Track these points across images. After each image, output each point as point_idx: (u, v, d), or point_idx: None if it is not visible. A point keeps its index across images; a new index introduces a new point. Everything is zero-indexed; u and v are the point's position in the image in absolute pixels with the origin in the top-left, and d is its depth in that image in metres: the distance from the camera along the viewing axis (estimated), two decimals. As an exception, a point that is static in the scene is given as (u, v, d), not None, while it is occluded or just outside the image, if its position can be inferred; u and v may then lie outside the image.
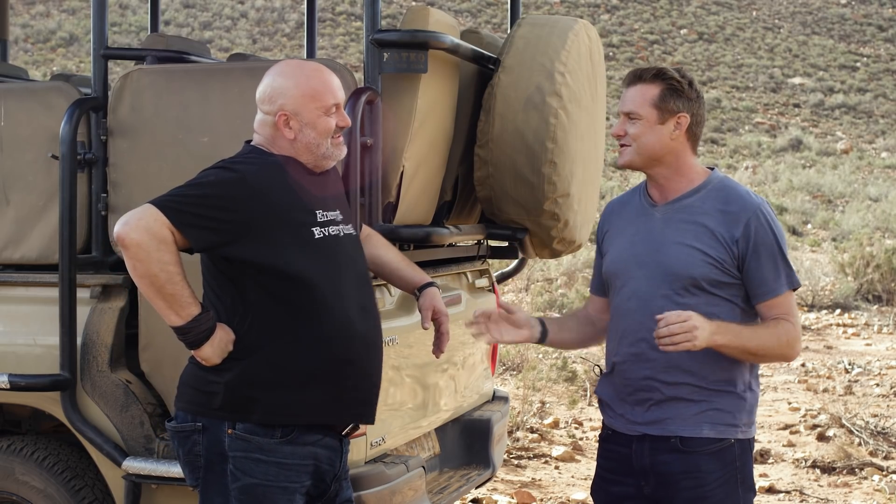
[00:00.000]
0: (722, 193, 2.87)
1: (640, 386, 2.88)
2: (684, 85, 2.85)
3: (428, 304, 3.15)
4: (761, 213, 2.84)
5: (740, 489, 2.86)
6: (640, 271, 2.89)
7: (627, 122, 2.88)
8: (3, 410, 3.76)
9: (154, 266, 2.63)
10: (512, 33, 3.97)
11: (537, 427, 7.31)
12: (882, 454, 6.79)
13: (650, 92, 2.84)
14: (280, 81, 2.82)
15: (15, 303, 3.64)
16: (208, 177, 2.75)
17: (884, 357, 10.52)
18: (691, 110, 2.86)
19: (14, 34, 40.79)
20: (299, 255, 2.76)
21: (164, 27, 40.01)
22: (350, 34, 46.66)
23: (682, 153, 2.89)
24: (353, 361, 2.83)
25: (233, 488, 2.77)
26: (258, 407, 2.75)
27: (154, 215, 2.64)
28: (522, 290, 12.63)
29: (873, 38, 53.21)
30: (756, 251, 2.81)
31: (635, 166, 2.91)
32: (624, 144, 2.90)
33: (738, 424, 2.86)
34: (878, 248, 14.85)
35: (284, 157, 2.83)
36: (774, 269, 2.83)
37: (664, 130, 2.85)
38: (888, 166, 34.24)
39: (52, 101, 3.63)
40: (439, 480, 4.04)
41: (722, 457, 2.84)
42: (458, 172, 4.03)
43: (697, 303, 2.80)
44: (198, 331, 2.70)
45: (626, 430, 2.91)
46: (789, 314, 2.84)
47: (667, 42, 51.27)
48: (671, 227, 2.87)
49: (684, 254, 2.83)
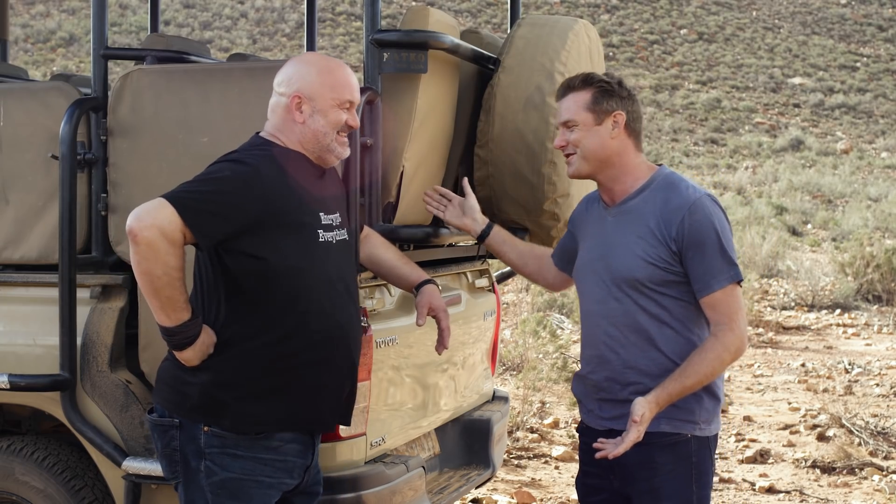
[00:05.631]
0: (663, 191, 2.92)
1: (602, 386, 2.97)
2: (614, 85, 2.94)
3: (424, 301, 3.17)
4: (697, 207, 2.86)
5: (694, 485, 2.92)
6: (594, 276, 2.99)
7: (566, 132, 2.97)
8: (3, 410, 3.75)
9: (159, 268, 2.63)
10: (512, 33, 3.97)
11: (537, 427, 7.31)
12: (882, 454, 6.79)
13: (582, 98, 2.94)
14: (303, 67, 2.86)
15: (15, 303, 3.64)
16: (223, 171, 2.74)
17: (884, 357, 10.52)
18: (625, 108, 2.94)
19: (14, 34, 40.79)
20: (302, 256, 2.78)
21: (164, 27, 40.01)
22: (350, 34, 46.68)
23: (625, 152, 2.96)
24: (334, 372, 2.87)
25: (209, 483, 2.79)
26: (229, 413, 2.77)
27: (169, 215, 2.62)
28: (522, 290, 12.62)
29: (873, 38, 53.22)
30: (691, 246, 2.84)
31: (584, 173, 2.98)
32: (569, 154, 2.98)
33: (695, 421, 2.92)
34: (878, 248, 14.83)
35: (291, 150, 2.84)
36: (711, 263, 2.83)
37: (603, 131, 2.93)
38: (888, 166, 34.26)
39: (52, 101, 3.63)
40: (439, 480, 4.03)
41: (676, 450, 2.90)
42: (458, 172, 4.03)
43: (648, 304, 2.88)
44: (184, 335, 2.72)
45: (595, 424, 3.02)
46: (728, 314, 2.83)
47: (667, 42, 51.27)
48: (618, 230, 2.95)
49: (628, 256, 2.89)
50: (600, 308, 2.96)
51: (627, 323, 2.91)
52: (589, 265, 3.01)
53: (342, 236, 2.92)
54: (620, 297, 2.90)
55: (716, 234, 2.84)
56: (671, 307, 2.88)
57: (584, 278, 3.04)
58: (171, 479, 2.90)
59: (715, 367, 2.83)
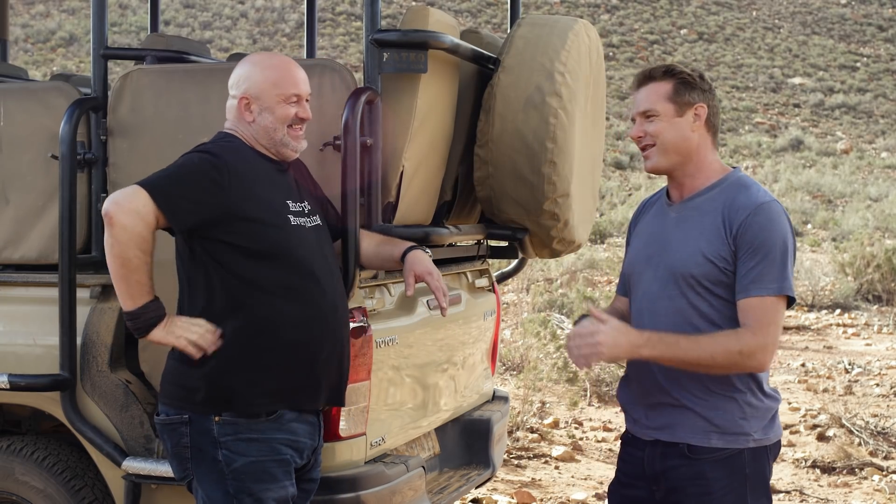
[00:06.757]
0: (732, 191, 2.79)
1: (649, 390, 2.85)
2: (696, 77, 2.82)
3: (408, 269, 3.18)
4: (764, 210, 2.73)
5: (750, 497, 2.79)
6: (649, 272, 2.86)
7: (645, 122, 2.82)
8: (3, 410, 3.75)
9: (131, 251, 2.74)
10: (512, 33, 3.97)
11: (537, 427, 7.31)
12: (882, 454, 6.79)
13: (663, 88, 2.80)
14: (248, 69, 2.99)
15: (15, 303, 3.64)
16: (192, 160, 2.86)
17: (884, 357, 10.52)
18: (707, 101, 2.82)
19: (14, 34, 40.80)
20: (278, 239, 2.85)
21: (164, 27, 40.01)
22: (350, 34, 46.67)
23: (703, 147, 2.83)
24: (327, 348, 2.92)
25: (230, 472, 2.82)
26: (239, 398, 2.83)
27: (143, 199, 2.75)
28: (522, 290, 12.62)
29: (873, 38, 53.23)
30: (747, 247, 2.71)
31: (662, 168, 2.83)
32: (646, 146, 2.82)
33: (748, 433, 2.78)
34: (878, 248, 14.84)
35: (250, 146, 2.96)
36: (761, 269, 2.70)
37: (683, 123, 2.79)
38: (888, 166, 34.26)
39: (52, 101, 3.63)
40: (439, 480, 4.03)
41: (729, 464, 2.77)
42: (458, 172, 4.03)
43: (700, 303, 2.75)
44: (146, 317, 2.80)
45: (640, 434, 2.89)
46: (758, 321, 2.68)
47: (667, 42, 51.27)
48: (681, 226, 2.83)
49: (687, 252, 2.78)
50: (650, 305, 2.83)
51: (679, 321, 2.77)
52: (645, 260, 2.88)
53: (315, 222, 3.01)
54: (674, 295, 2.77)
55: (776, 241, 2.71)
56: (723, 309, 2.75)
57: (640, 273, 2.89)
58: (183, 478, 2.92)
59: (717, 353, 2.66)
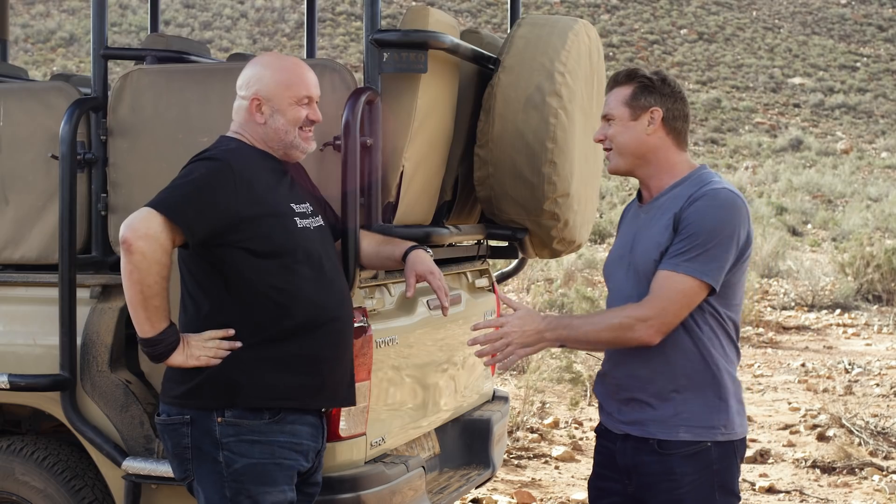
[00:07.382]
0: (693, 185, 2.83)
1: (622, 384, 2.90)
2: (655, 81, 2.88)
3: (409, 270, 3.16)
4: (707, 195, 2.76)
5: (717, 493, 2.82)
6: (620, 271, 2.93)
7: (605, 126, 2.92)
8: (3, 410, 3.75)
9: (151, 277, 2.71)
10: (512, 33, 3.97)
11: (537, 427, 7.31)
12: (882, 454, 6.79)
13: (622, 93, 2.89)
14: (259, 70, 2.96)
15: (15, 303, 3.64)
16: (197, 169, 2.83)
17: (884, 357, 10.52)
18: (664, 104, 2.86)
19: (14, 34, 40.80)
20: (287, 240, 2.85)
21: (164, 27, 40.01)
22: (350, 34, 46.68)
23: (664, 149, 2.88)
24: (335, 348, 2.93)
25: (230, 473, 2.81)
26: (242, 391, 2.82)
27: (160, 223, 2.71)
28: (523, 290, 12.62)
29: (873, 38, 53.23)
30: (680, 229, 2.75)
31: (621, 170, 2.93)
32: (607, 149, 2.93)
33: (715, 426, 2.82)
34: (878, 248, 14.84)
35: (255, 147, 2.95)
36: (680, 246, 2.73)
37: (638, 127, 2.86)
38: (888, 166, 34.27)
39: (52, 101, 3.63)
40: (439, 480, 4.03)
41: (697, 460, 2.81)
42: (458, 172, 4.03)
43: None
44: (166, 343, 2.78)
45: (612, 427, 2.94)
46: (654, 295, 2.73)
47: (667, 42, 51.28)
48: (647, 225, 2.89)
49: (646, 248, 2.83)
50: (624, 303, 2.85)
51: None
52: (618, 260, 2.95)
53: (318, 223, 3.01)
54: (642, 293, 2.80)
55: (709, 225, 2.73)
56: None
57: (613, 272, 2.97)
58: (183, 478, 2.91)
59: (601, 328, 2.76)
